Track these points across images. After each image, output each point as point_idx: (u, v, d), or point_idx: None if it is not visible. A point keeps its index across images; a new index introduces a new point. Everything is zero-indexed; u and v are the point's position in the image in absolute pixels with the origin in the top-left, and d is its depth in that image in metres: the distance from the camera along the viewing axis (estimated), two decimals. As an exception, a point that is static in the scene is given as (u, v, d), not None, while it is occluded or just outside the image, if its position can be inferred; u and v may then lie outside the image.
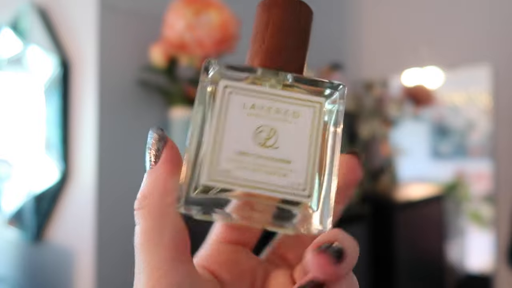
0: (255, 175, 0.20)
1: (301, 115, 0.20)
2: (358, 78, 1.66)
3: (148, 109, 0.96)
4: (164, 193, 0.18)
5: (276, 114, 0.20)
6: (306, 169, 0.20)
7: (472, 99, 1.51)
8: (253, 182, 0.19)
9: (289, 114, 0.20)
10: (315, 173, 0.20)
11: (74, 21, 0.97)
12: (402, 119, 1.62)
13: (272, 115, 0.20)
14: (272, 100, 0.20)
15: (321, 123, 0.20)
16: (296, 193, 0.20)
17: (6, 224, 1.20)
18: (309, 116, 0.20)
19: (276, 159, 0.20)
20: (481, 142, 1.47)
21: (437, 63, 1.55)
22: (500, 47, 1.41)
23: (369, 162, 1.60)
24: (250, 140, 0.20)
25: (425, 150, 1.59)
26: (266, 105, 0.20)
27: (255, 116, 0.20)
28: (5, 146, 1.23)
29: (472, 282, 1.49)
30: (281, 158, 0.20)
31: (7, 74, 1.24)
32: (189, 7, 0.83)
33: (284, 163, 0.20)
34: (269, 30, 0.22)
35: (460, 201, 1.52)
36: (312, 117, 0.20)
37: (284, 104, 0.20)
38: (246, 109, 0.20)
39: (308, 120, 0.20)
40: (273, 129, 0.20)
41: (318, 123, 0.20)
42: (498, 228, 1.41)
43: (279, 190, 0.20)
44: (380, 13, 1.68)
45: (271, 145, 0.20)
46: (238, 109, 0.20)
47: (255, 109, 0.20)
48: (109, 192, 0.89)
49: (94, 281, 0.86)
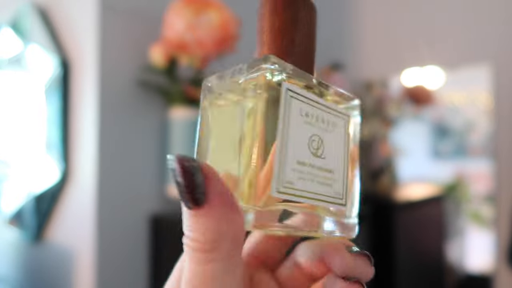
0: (311, 186, 0.19)
1: (337, 125, 0.21)
2: (358, 78, 1.66)
3: (148, 109, 0.96)
4: (234, 237, 0.16)
5: (321, 123, 0.20)
6: (343, 178, 0.21)
7: (472, 99, 1.51)
8: (310, 193, 0.19)
9: (330, 124, 0.21)
10: (349, 182, 0.21)
11: (74, 21, 0.97)
12: (402, 119, 1.62)
13: (319, 124, 0.20)
14: (318, 108, 0.20)
15: (349, 135, 0.21)
16: (338, 202, 0.20)
17: (6, 224, 1.20)
18: (342, 127, 0.21)
19: (324, 169, 0.20)
20: (481, 142, 1.47)
21: (437, 63, 1.55)
22: (500, 47, 1.41)
23: (369, 162, 1.60)
24: (306, 149, 0.19)
25: (425, 150, 1.59)
26: (315, 114, 0.20)
27: (309, 124, 0.20)
28: (5, 146, 1.23)
29: (472, 282, 1.49)
30: (327, 168, 0.20)
31: (7, 74, 1.24)
32: (189, 7, 0.83)
33: (329, 172, 0.20)
34: (281, 17, 0.21)
35: (460, 201, 1.52)
36: (344, 128, 0.21)
37: (325, 113, 0.20)
38: (303, 117, 0.19)
39: (342, 131, 0.21)
40: (320, 139, 0.20)
41: (348, 135, 0.21)
42: (498, 228, 1.41)
43: (327, 200, 0.20)
44: (380, 13, 1.68)
45: (319, 155, 0.20)
46: (298, 116, 0.19)
47: (309, 117, 0.20)
48: (109, 192, 0.89)
49: (94, 281, 0.86)
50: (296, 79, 0.20)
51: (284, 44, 0.21)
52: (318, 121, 0.20)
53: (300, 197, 0.19)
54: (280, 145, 0.18)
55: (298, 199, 0.19)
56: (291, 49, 0.20)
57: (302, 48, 0.21)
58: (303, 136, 0.19)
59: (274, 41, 0.21)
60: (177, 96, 0.93)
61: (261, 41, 0.21)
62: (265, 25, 0.21)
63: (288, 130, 0.18)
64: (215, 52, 0.86)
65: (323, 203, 0.20)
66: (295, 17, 0.21)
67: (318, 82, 0.21)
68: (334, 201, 0.20)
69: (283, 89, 0.19)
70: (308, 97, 0.20)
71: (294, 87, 0.19)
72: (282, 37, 0.21)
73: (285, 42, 0.20)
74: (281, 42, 0.21)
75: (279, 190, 0.18)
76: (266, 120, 0.18)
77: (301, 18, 0.21)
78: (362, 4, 1.72)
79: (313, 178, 0.19)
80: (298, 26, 0.21)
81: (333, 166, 0.20)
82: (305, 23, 0.21)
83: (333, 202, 0.20)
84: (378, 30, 1.68)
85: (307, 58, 0.21)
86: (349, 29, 1.72)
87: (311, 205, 0.20)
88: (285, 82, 0.19)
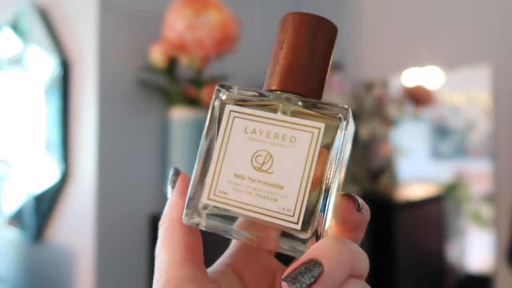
0: (247, 198, 0.20)
1: (297, 140, 0.20)
2: (358, 78, 1.66)
3: (148, 109, 0.96)
4: (174, 211, 0.22)
5: (274, 139, 0.21)
6: (297, 195, 0.20)
7: (472, 99, 1.51)
8: (245, 204, 0.20)
9: (287, 139, 0.21)
10: (306, 199, 0.20)
11: (74, 21, 0.97)
12: (402, 119, 1.62)
13: (271, 140, 0.21)
14: (272, 125, 0.21)
15: (318, 148, 0.20)
16: (285, 218, 0.20)
17: (6, 224, 1.20)
18: (305, 141, 0.20)
19: (269, 184, 0.20)
20: (481, 142, 1.47)
21: (437, 63, 1.55)
22: (500, 47, 1.41)
23: (369, 162, 1.60)
24: (248, 164, 0.21)
25: (425, 150, 1.59)
26: (266, 130, 0.21)
27: (255, 140, 0.21)
28: (5, 146, 1.23)
29: (472, 282, 1.49)
30: (274, 183, 0.20)
31: (7, 74, 1.24)
32: (189, 7, 0.83)
33: (277, 188, 0.20)
34: (284, 50, 0.22)
35: (460, 201, 1.52)
36: (309, 142, 0.20)
37: (283, 128, 0.21)
38: (248, 133, 0.21)
39: (304, 146, 0.20)
40: (269, 154, 0.20)
41: (315, 148, 0.20)
42: (498, 228, 1.41)
43: (268, 214, 0.20)
44: (380, 13, 1.68)
45: (266, 169, 0.20)
46: (240, 133, 0.21)
47: (256, 134, 0.21)
48: (109, 192, 0.89)
49: (94, 281, 0.86)
50: (246, 100, 0.22)
51: (271, 66, 0.22)
52: (269, 137, 0.21)
53: (233, 206, 0.20)
54: (216, 158, 0.21)
55: (231, 208, 0.21)
56: (273, 69, 0.22)
57: (287, 68, 0.22)
58: (245, 152, 0.21)
59: (270, 63, 0.23)
60: (177, 96, 0.93)
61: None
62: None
63: (226, 146, 0.21)
64: (215, 52, 0.86)
65: (264, 216, 0.20)
66: (283, 38, 0.22)
67: (299, 100, 0.21)
68: (280, 217, 0.20)
69: (226, 110, 0.22)
70: (258, 114, 0.21)
71: (240, 108, 0.21)
72: (271, 59, 0.23)
73: (271, 64, 0.22)
74: (270, 64, 0.23)
75: (210, 197, 0.21)
76: (210, 137, 0.22)
77: (288, 38, 0.22)
78: (362, 5, 1.72)
79: (251, 191, 0.20)
80: (284, 46, 0.22)
81: (284, 181, 0.20)
82: (295, 43, 0.22)
83: (278, 218, 0.20)
84: (378, 30, 1.68)
85: (301, 77, 0.22)
86: (349, 29, 1.72)
87: (246, 215, 0.20)
88: (229, 105, 0.22)
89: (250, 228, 0.21)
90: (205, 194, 0.21)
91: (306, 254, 0.18)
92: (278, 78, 0.22)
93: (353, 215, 0.20)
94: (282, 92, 0.22)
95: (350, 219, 0.20)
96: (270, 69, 0.22)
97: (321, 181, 0.20)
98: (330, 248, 0.18)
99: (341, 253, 0.18)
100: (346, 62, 1.61)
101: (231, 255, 0.24)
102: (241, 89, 0.22)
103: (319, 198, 0.20)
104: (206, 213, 0.21)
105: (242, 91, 0.22)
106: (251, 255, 0.24)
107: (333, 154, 0.20)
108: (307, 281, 0.17)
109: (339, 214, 0.20)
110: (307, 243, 0.20)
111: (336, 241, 0.18)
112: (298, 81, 0.21)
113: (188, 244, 0.21)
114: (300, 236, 0.20)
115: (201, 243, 0.22)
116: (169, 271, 0.20)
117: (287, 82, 0.21)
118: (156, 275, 0.21)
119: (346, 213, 0.20)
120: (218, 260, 0.24)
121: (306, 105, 0.21)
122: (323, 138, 0.20)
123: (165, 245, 0.21)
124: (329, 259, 0.17)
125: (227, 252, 0.25)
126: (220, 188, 0.21)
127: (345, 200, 0.20)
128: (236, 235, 0.21)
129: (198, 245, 0.22)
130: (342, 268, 0.18)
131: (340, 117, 0.20)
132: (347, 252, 0.18)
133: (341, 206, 0.20)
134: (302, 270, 0.17)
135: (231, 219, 0.21)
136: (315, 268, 0.17)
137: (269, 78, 0.22)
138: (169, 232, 0.22)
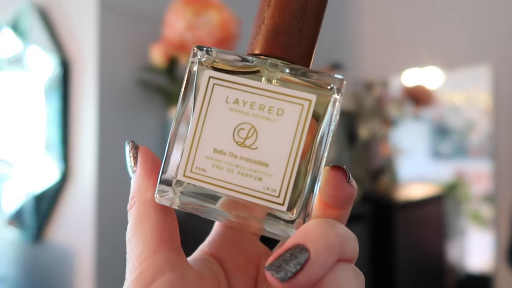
0: (229, 176, 0.18)
1: (285, 113, 0.18)
2: (358, 78, 1.66)
3: (148, 109, 0.96)
4: (144, 191, 0.20)
5: (260, 111, 0.18)
6: (283, 174, 0.18)
7: (472, 99, 1.51)
8: (226, 183, 0.18)
9: (273, 111, 0.18)
10: (293, 178, 0.18)
11: (74, 21, 0.97)
12: (402, 119, 1.62)
13: (255, 112, 0.18)
14: (257, 94, 0.18)
15: (307, 123, 0.18)
16: (269, 198, 0.18)
17: (6, 224, 1.20)
18: (294, 114, 0.18)
19: (252, 161, 0.18)
20: (481, 142, 1.47)
21: (437, 63, 1.55)
22: (500, 47, 1.41)
23: (369, 162, 1.60)
24: (229, 138, 0.18)
25: (425, 150, 1.59)
26: (250, 100, 0.18)
27: (237, 112, 0.18)
28: (5, 146, 1.23)
29: (472, 282, 1.49)
30: (258, 160, 0.18)
31: (7, 74, 1.24)
32: (189, 7, 0.83)
33: (261, 165, 0.18)
34: (270, 8, 0.19)
35: (460, 201, 1.52)
36: (298, 116, 0.18)
37: (269, 99, 0.18)
38: (229, 104, 0.19)
39: (292, 119, 0.18)
40: (253, 128, 0.18)
41: (305, 123, 0.18)
42: (498, 228, 1.41)
43: (252, 194, 0.18)
44: (380, 13, 1.68)
45: (249, 145, 0.18)
46: (221, 103, 0.19)
47: (239, 104, 0.19)
48: (109, 192, 0.89)
49: (94, 281, 0.86)
50: (227, 64, 0.19)
51: (255, 27, 0.20)
52: (254, 109, 0.18)
53: (212, 185, 0.18)
54: (193, 131, 0.19)
55: (210, 186, 0.18)
56: (257, 31, 0.20)
57: (273, 28, 0.19)
58: (226, 124, 0.18)
59: (254, 24, 0.20)
60: (177, 96, 0.93)
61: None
62: None
63: (205, 117, 0.19)
64: (215, 52, 0.86)
65: (246, 196, 0.18)
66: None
67: (274, 65, 0.19)
68: (264, 197, 0.18)
69: (205, 76, 0.19)
70: (242, 82, 0.19)
71: (219, 74, 0.19)
72: (255, 20, 0.20)
73: (256, 24, 0.20)
74: (254, 26, 0.20)
75: (186, 174, 0.19)
76: (184, 105, 0.19)
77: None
78: (362, 4, 1.72)
79: (233, 168, 0.18)
80: (271, 3, 0.19)
81: (269, 158, 0.18)
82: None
83: (261, 198, 0.18)
84: (378, 30, 1.68)
85: (289, 39, 0.19)
86: (349, 29, 1.72)
87: (226, 194, 0.19)
88: (208, 70, 0.19)
89: (232, 208, 0.19)
90: (181, 170, 0.19)
91: (291, 239, 0.17)
92: (263, 40, 0.19)
93: (343, 189, 0.18)
94: (267, 57, 0.19)
95: (340, 193, 0.18)
96: (255, 29, 0.20)
97: (309, 157, 0.18)
98: (316, 231, 0.16)
99: (329, 236, 0.16)
100: (346, 62, 1.61)
101: (212, 242, 0.22)
102: (221, 51, 0.19)
103: (306, 176, 0.18)
104: (181, 190, 0.19)
105: (222, 54, 0.19)
106: (234, 241, 0.22)
107: (324, 129, 0.18)
108: (293, 269, 0.16)
109: (328, 187, 0.18)
110: (294, 225, 0.18)
111: (323, 224, 0.17)
112: (286, 44, 0.19)
113: (163, 227, 0.19)
114: (286, 217, 0.18)
115: (176, 224, 0.20)
116: (142, 259, 0.18)
117: (272, 45, 0.19)
118: (128, 266, 0.19)
119: (335, 187, 0.18)
120: (199, 248, 0.22)
121: (294, 72, 0.19)
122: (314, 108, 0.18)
123: (137, 229, 0.19)
124: (316, 243, 0.16)
125: (208, 239, 0.23)
126: (197, 164, 0.19)
127: (334, 172, 0.18)
128: (216, 216, 0.19)
129: (174, 227, 0.20)
130: (330, 253, 0.16)
131: (333, 88, 0.18)
132: (335, 235, 0.17)
133: (331, 179, 0.18)
134: (287, 257, 0.16)
135: (210, 197, 0.19)
136: (300, 254, 0.16)
137: (252, 39, 0.20)
138: (140, 214, 0.19)
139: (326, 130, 0.18)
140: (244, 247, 0.22)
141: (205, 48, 0.19)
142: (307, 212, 0.18)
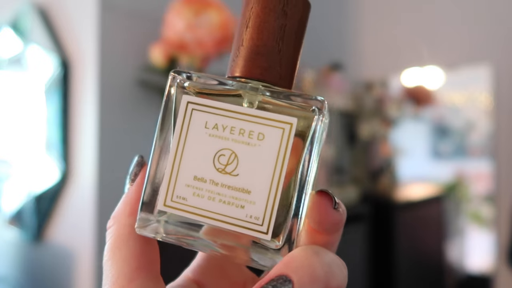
0: (210, 205, 0.18)
1: (266, 137, 0.18)
2: (358, 78, 1.66)
3: (148, 109, 0.96)
4: (129, 214, 0.19)
5: (240, 136, 0.18)
6: (266, 201, 0.17)
7: (472, 99, 1.51)
8: (208, 212, 0.18)
9: (254, 136, 0.18)
10: (276, 205, 0.17)
11: (74, 21, 0.97)
12: (402, 119, 1.62)
13: (235, 137, 0.18)
14: (237, 119, 0.18)
15: (289, 147, 0.17)
16: (252, 227, 0.17)
17: (6, 224, 1.20)
18: (275, 138, 0.17)
19: (234, 188, 0.18)
20: (481, 142, 1.47)
21: (437, 63, 1.55)
22: (500, 47, 1.41)
23: (369, 162, 1.60)
24: (210, 165, 0.18)
25: (425, 150, 1.59)
26: (230, 125, 0.18)
27: (217, 137, 0.18)
28: (5, 146, 1.23)
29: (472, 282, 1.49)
30: (240, 187, 0.18)
31: (7, 74, 1.24)
32: (189, 7, 0.83)
33: (243, 193, 0.18)
34: (249, 29, 0.19)
35: (460, 201, 1.52)
36: (279, 140, 0.17)
37: (249, 124, 0.18)
38: (208, 129, 0.18)
39: (273, 144, 0.17)
40: (233, 153, 0.18)
41: (286, 147, 0.17)
42: (498, 228, 1.41)
43: (234, 223, 0.18)
44: (380, 13, 1.68)
45: (230, 171, 0.18)
46: (200, 129, 0.18)
47: (218, 130, 0.18)
48: (109, 192, 0.89)
49: (94, 281, 0.86)
50: (207, 88, 0.19)
51: (235, 48, 0.19)
52: (233, 134, 0.18)
53: (194, 214, 0.18)
54: (172, 159, 0.18)
55: (191, 216, 0.18)
56: (236, 52, 0.19)
57: (252, 50, 0.19)
58: (206, 151, 0.18)
59: (233, 45, 0.20)
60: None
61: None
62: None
63: (184, 144, 0.18)
64: (215, 52, 0.86)
65: (229, 225, 0.17)
66: (248, 16, 0.19)
67: (266, 90, 0.18)
68: (247, 226, 0.17)
69: (183, 101, 0.18)
70: (221, 107, 0.18)
71: (198, 98, 0.18)
72: (235, 41, 0.20)
73: (235, 46, 0.19)
74: (233, 47, 0.20)
75: (166, 203, 0.18)
76: (165, 132, 0.19)
77: (254, 15, 0.19)
78: (362, 4, 1.72)
79: (214, 196, 0.18)
80: (249, 25, 0.19)
81: (251, 185, 0.18)
82: (260, 20, 0.19)
83: (244, 227, 0.17)
84: (378, 30, 1.68)
85: (269, 60, 0.19)
86: (349, 29, 1.72)
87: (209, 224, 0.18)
88: (186, 95, 0.18)
89: (217, 236, 0.18)
90: (161, 200, 0.18)
91: (274, 268, 0.16)
92: (242, 62, 0.19)
93: (329, 215, 0.18)
94: (247, 79, 0.19)
95: (326, 219, 0.18)
96: (234, 52, 0.19)
97: (294, 181, 0.18)
98: (301, 261, 0.16)
99: (314, 266, 0.16)
100: (346, 62, 1.61)
101: (198, 267, 0.21)
102: (200, 76, 0.19)
103: (291, 201, 0.18)
104: (164, 220, 0.18)
105: (200, 78, 0.19)
106: (220, 267, 0.21)
107: (308, 151, 0.18)
108: None
109: (314, 214, 0.18)
110: (280, 252, 0.18)
111: (308, 252, 0.16)
112: (265, 65, 0.18)
113: (141, 252, 0.18)
114: (271, 245, 0.18)
115: (157, 250, 0.19)
116: (116, 286, 0.17)
117: (252, 67, 0.19)
118: None
119: (321, 213, 0.18)
120: (183, 273, 0.22)
121: (275, 96, 0.18)
122: (298, 130, 0.18)
123: (113, 254, 0.18)
124: (300, 274, 0.16)
125: (192, 264, 0.22)
126: (178, 193, 0.18)
127: (320, 197, 0.18)
128: (200, 247, 0.18)
129: (154, 253, 0.19)
130: (314, 285, 0.16)
131: (314, 110, 0.18)
132: (321, 265, 0.16)
133: (316, 205, 0.18)
134: None
135: (194, 226, 0.18)
136: (283, 286, 0.15)
137: (232, 62, 0.19)
138: (117, 237, 0.18)
139: (312, 152, 0.18)
140: (229, 273, 0.22)
141: (184, 73, 0.19)
142: (292, 239, 0.18)
